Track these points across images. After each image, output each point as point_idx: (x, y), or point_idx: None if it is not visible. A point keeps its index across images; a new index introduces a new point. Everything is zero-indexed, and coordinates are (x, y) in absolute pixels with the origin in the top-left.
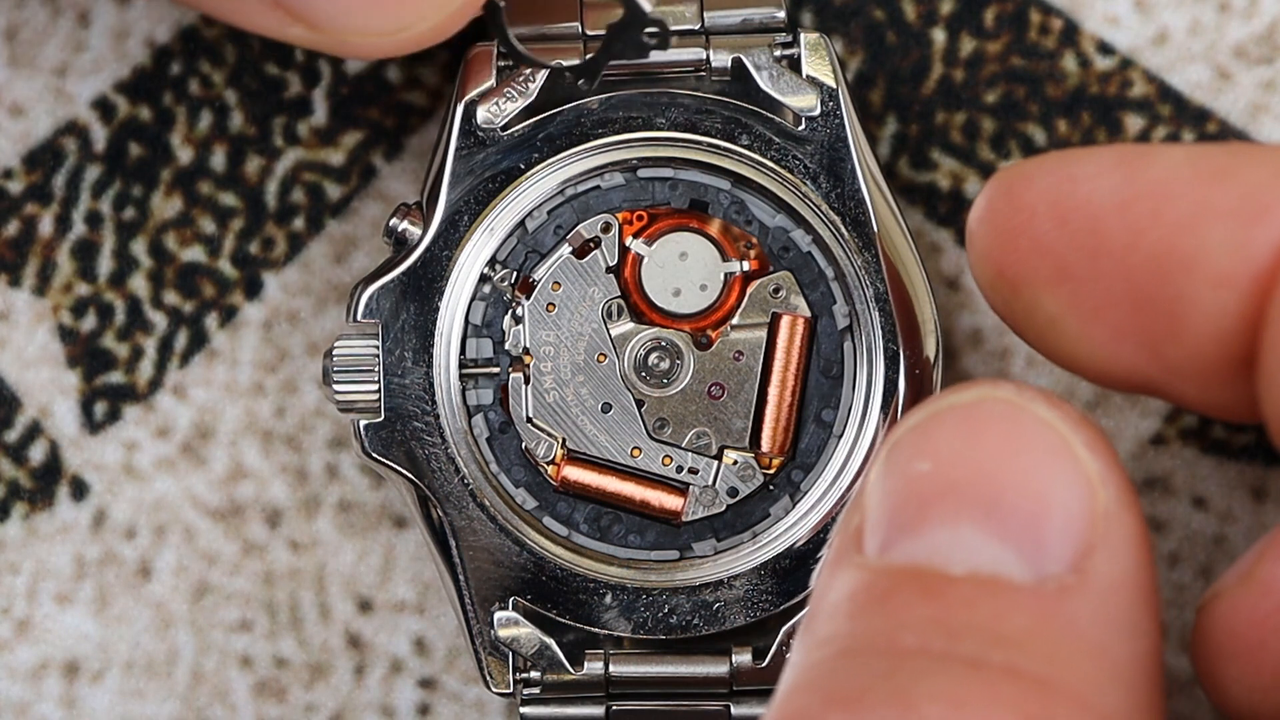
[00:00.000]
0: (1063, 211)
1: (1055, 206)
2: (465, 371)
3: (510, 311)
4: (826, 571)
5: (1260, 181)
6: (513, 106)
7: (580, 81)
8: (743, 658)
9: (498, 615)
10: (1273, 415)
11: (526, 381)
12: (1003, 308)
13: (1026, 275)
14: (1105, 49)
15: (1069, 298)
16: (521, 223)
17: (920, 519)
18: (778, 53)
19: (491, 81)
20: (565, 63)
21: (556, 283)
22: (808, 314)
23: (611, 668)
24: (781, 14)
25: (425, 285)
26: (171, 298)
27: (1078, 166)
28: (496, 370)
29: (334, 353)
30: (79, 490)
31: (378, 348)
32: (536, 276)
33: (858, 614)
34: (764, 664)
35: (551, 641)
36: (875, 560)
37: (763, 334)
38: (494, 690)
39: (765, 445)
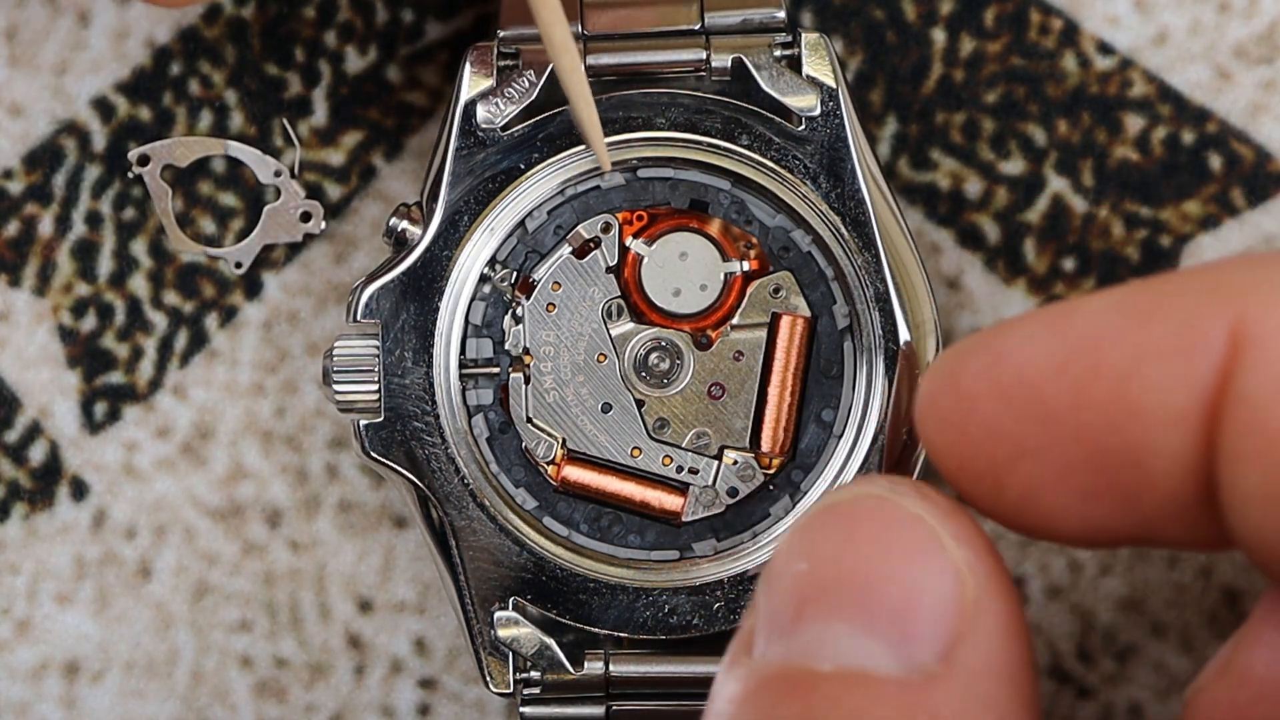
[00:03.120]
0: (1002, 389)
1: (994, 386)
2: (465, 371)
3: (510, 311)
4: (720, 673)
5: (1186, 312)
6: (513, 106)
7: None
8: None
9: (498, 615)
10: (1246, 541)
11: (526, 381)
12: (971, 497)
13: (984, 460)
14: (1105, 49)
15: (1031, 472)
16: (521, 223)
17: (795, 619)
18: (778, 53)
19: (491, 81)
20: None
21: (556, 283)
22: (808, 314)
23: (611, 668)
24: (781, 14)
25: (425, 285)
26: (171, 298)
27: (1006, 340)
28: (496, 370)
29: (334, 353)
30: (79, 490)
31: (378, 348)
32: (536, 276)
33: (736, 717)
34: None
35: (551, 641)
36: (755, 661)
37: (763, 334)
38: (494, 690)
39: (765, 445)
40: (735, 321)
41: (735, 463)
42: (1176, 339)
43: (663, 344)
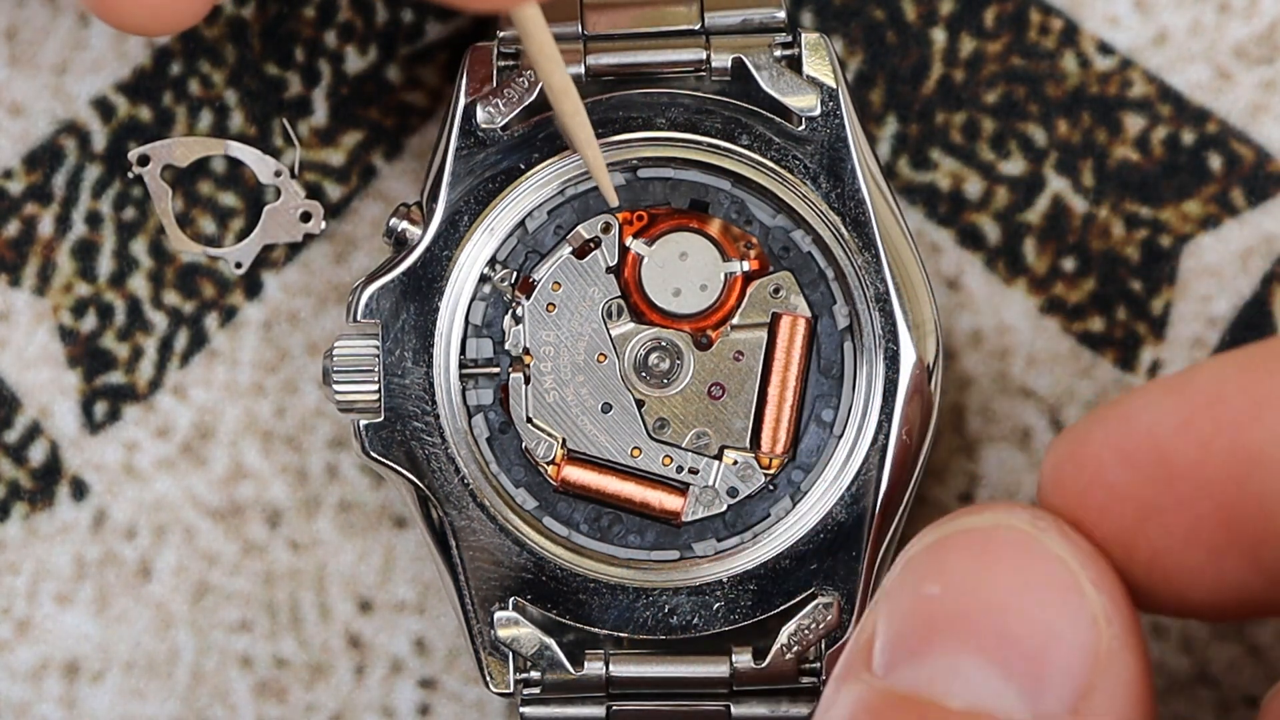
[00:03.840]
0: (1127, 452)
1: (1118, 451)
2: (465, 371)
3: (510, 311)
4: (835, 682)
5: None
6: (513, 106)
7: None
8: (743, 658)
9: (498, 615)
10: None
11: (526, 381)
12: None
13: (1113, 525)
14: (1105, 49)
15: (1160, 532)
16: (521, 223)
17: (925, 645)
18: (778, 53)
19: (492, 81)
20: None
21: (556, 283)
22: (808, 314)
23: (612, 668)
24: (781, 14)
25: (425, 285)
26: (171, 298)
27: (1129, 406)
28: (496, 370)
29: (334, 353)
30: (79, 490)
31: (378, 348)
32: (536, 276)
33: None
34: (764, 664)
35: (551, 641)
36: (879, 680)
37: (763, 334)
38: (494, 690)
39: (765, 445)
40: (735, 321)
41: (735, 463)
42: (1245, 397)
43: (663, 344)
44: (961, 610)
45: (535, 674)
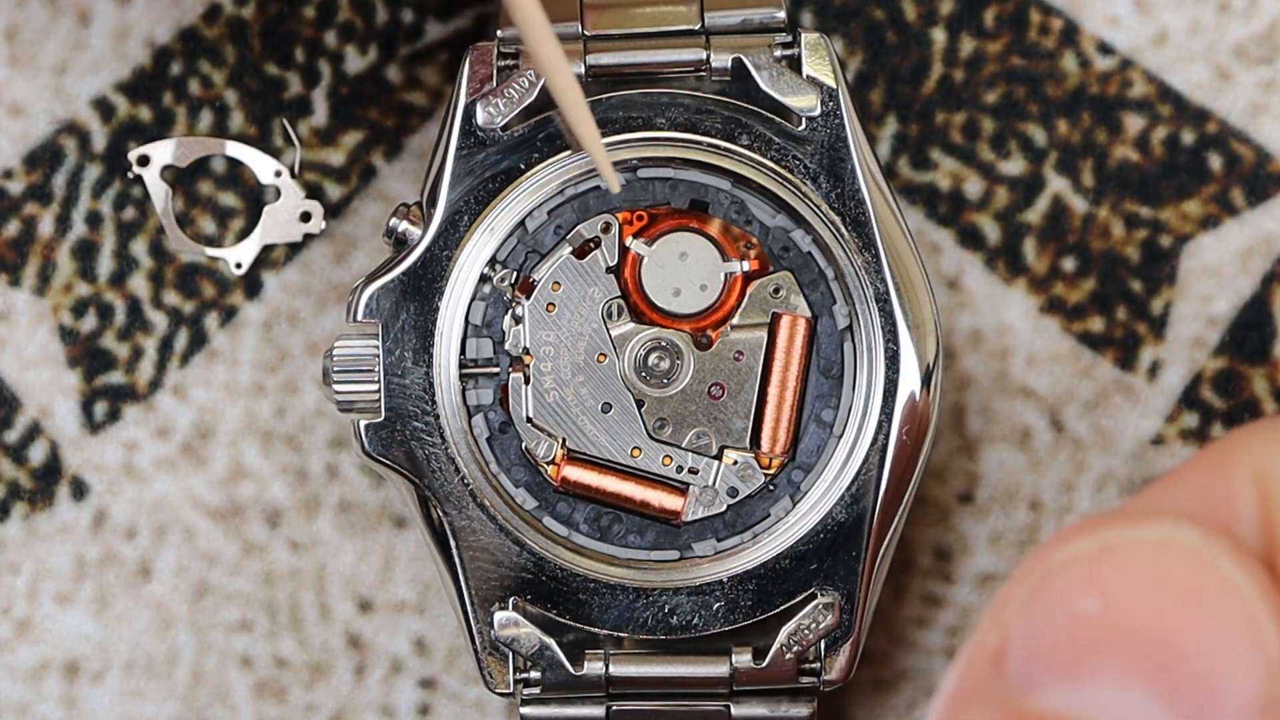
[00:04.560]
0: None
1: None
2: (465, 371)
3: (510, 311)
4: (951, 702)
5: (1208, 488)
6: (513, 106)
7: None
8: (743, 658)
9: (498, 615)
10: None
11: (526, 381)
12: None
13: None
14: (1105, 49)
15: None
16: (521, 223)
17: (1083, 665)
18: (778, 53)
19: (492, 82)
20: None
21: (556, 283)
22: (808, 314)
23: (611, 668)
24: (781, 14)
25: (425, 285)
26: (171, 298)
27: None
28: (496, 370)
29: (334, 353)
30: (79, 490)
31: (378, 348)
32: (536, 276)
33: None
34: (764, 664)
35: (551, 641)
36: (1021, 699)
37: (763, 334)
38: (494, 690)
39: (765, 445)
40: (735, 321)
41: (735, 463)
42: (1213, 513)
43: (663, 344)
44: (1129, 632)
45: (535, 674)
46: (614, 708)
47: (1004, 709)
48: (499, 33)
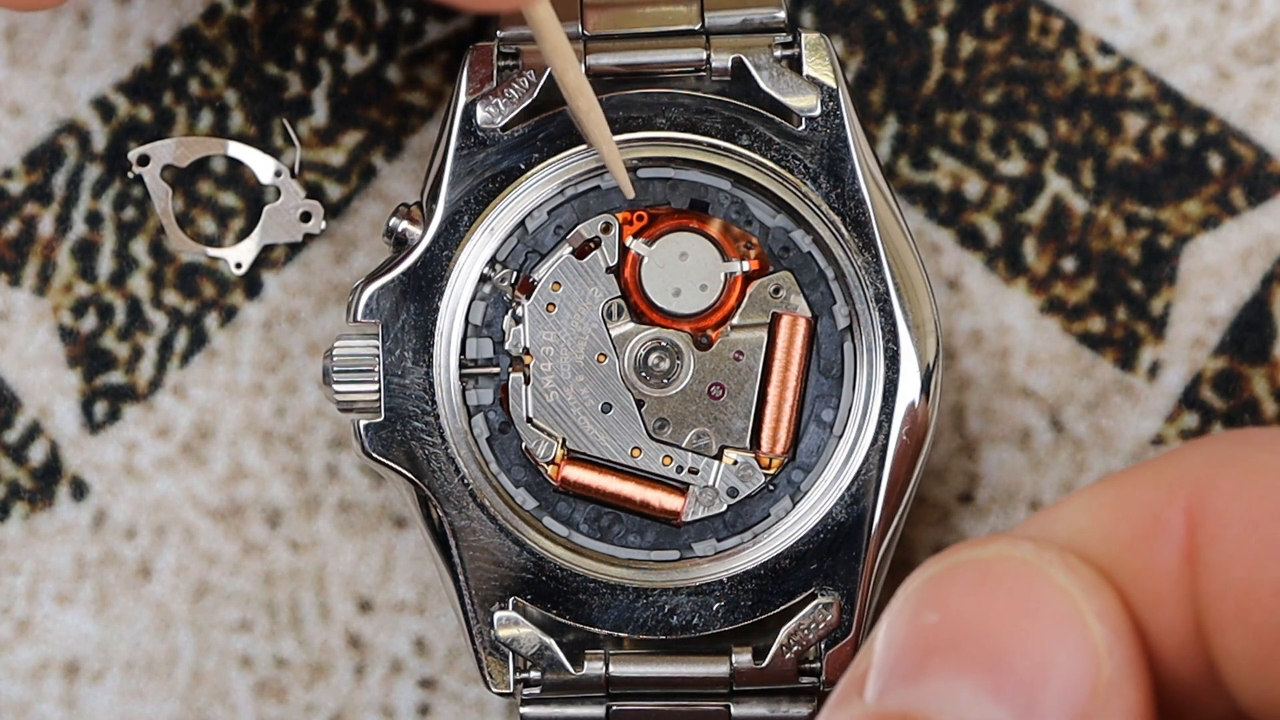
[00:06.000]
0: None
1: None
2: (465, 371)
3: (510, 311)
4: (829, 709)
5: (1144, 504)
6: (512, 107)
7: None
8: (743, 658)
9: (498, 615)
10: (1250, 709)
11: (526, 381)
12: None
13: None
14: (1105, 49)
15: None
16: (521, 223)
17: (920, 669)
18: (778, 53)
19: (492, 82)
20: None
21: (556, 283)
22: (808, 314)
23: (611, 668)
24: (781, 14)
25: (425, 285)
26: (171, 298)
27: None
28: (496, 370)
29: (334, 353)
30: (79, 490)
31: (378, 348)
32: (536, 276)
33: None
34: (764, 664)
35: (551, 641)
36: (870, 705)
37: (763, 334)
38: (494, 690)
39: (765, 445)
40: (735, 321)
41: (735, 463)
42: (1140, 529)
43: (663, 344)
44: (960, 637)
45: (535, 674)
46: (614, 708)
47: (858, 715)
48: (499, 33)
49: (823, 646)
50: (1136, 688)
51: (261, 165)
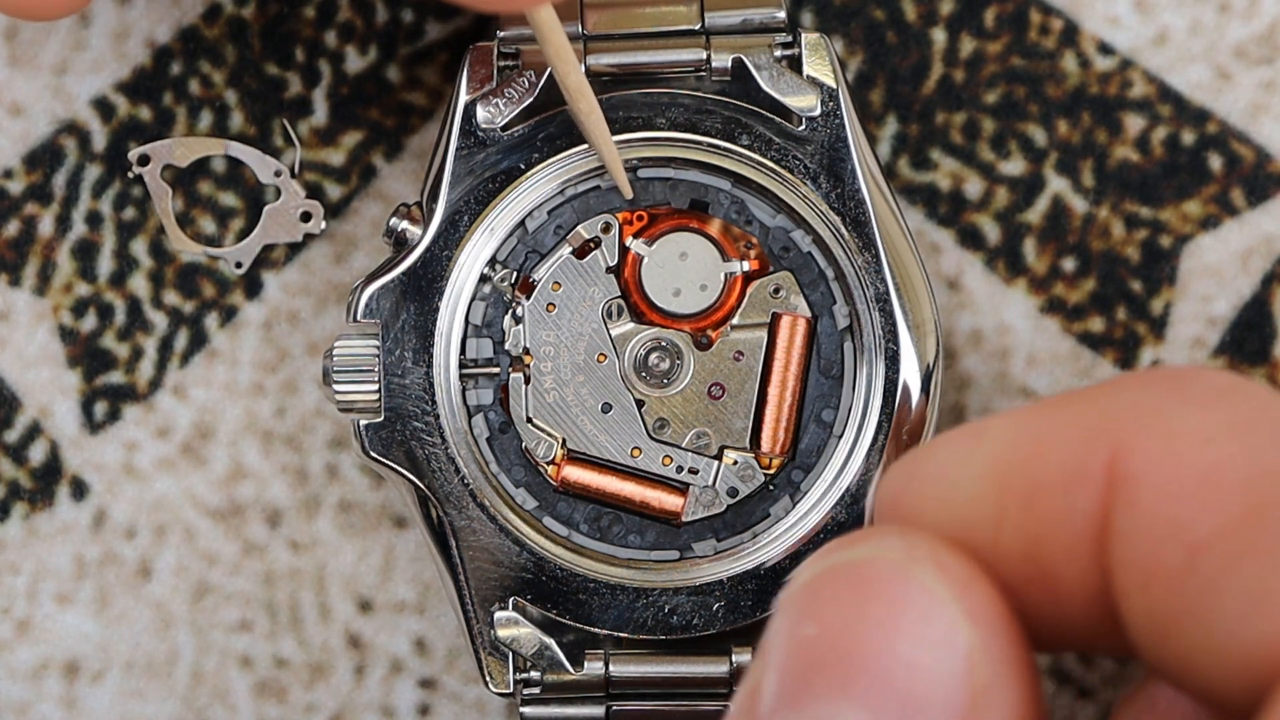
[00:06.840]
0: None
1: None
2: (465, 371)
3: (510, 311)
4: None
5: (1069, 447)
6: (512, 107)
7: None
8: (743, 658)
9: (498, 615)
10: (1149, 661)
11: (526, 381)
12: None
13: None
14: (1105, 49)
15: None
16: (521, 223)
17: (804, 690)
18: (778, 53)
19: (492, 82)
20: None
21: (556, 283)
22: (808, 314)
23: (611, 668)
24: (781, 14)
25: (425, 285)
26: (171, 298)
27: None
28: (496, 370)
29: (334, 353)
30: (79, 490)
31: (378, 348)
32: (536, 276)
33: None
34: None
35: (551, 641)
36: None
37: (763, 334)
38: (494, 690)
39: (765, 445)
40: (735, 321)
41: (735, 463)
42: (1061, 474)
43: (663, 344)
44: (837, 652)
45: (535, 674)
46: (614, 708)
47: None
48: (499, 33)
49: None
50: (1015, 686)
51: (261, 165)
